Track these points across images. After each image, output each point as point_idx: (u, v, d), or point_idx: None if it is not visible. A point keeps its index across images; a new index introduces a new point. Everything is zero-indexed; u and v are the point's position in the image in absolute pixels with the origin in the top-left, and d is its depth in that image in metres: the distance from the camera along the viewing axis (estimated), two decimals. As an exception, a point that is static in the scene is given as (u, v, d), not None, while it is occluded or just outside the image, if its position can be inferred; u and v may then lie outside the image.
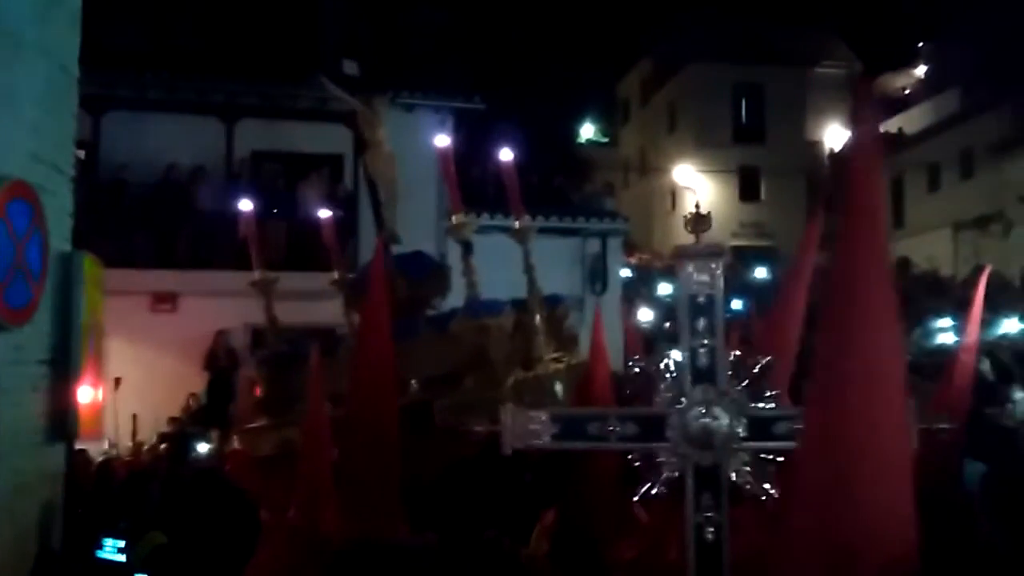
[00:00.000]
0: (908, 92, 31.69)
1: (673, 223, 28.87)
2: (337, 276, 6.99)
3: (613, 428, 2.87)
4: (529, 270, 5.74)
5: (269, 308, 7.07)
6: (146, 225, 12.79)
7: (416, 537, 3.13)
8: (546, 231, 12.59)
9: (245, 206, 7.02)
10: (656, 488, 2.81)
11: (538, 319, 5.68)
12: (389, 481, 3.21)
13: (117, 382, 10.55)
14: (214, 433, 9.56)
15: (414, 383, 5.47)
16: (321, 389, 3.73)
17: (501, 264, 6.19)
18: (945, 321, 9.45)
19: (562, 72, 35.39)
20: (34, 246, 3.87)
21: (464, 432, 4.96)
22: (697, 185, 30.28)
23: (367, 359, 3.35)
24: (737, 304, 14.68)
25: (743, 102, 32.38)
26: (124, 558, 3.83)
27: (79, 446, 5.14)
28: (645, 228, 30.78)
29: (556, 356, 5.74)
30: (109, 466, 8.08)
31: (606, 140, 40.15)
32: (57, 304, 4.12)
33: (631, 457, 2.95)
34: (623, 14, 38.39)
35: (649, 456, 2.85)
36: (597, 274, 15.81)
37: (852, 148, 2.25)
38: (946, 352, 4.38)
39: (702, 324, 2.86)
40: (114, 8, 11.68)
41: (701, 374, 2.84)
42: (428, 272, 6.77)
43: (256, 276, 7.02)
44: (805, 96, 32.39)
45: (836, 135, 33.15)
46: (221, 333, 12.42)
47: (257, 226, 7.09)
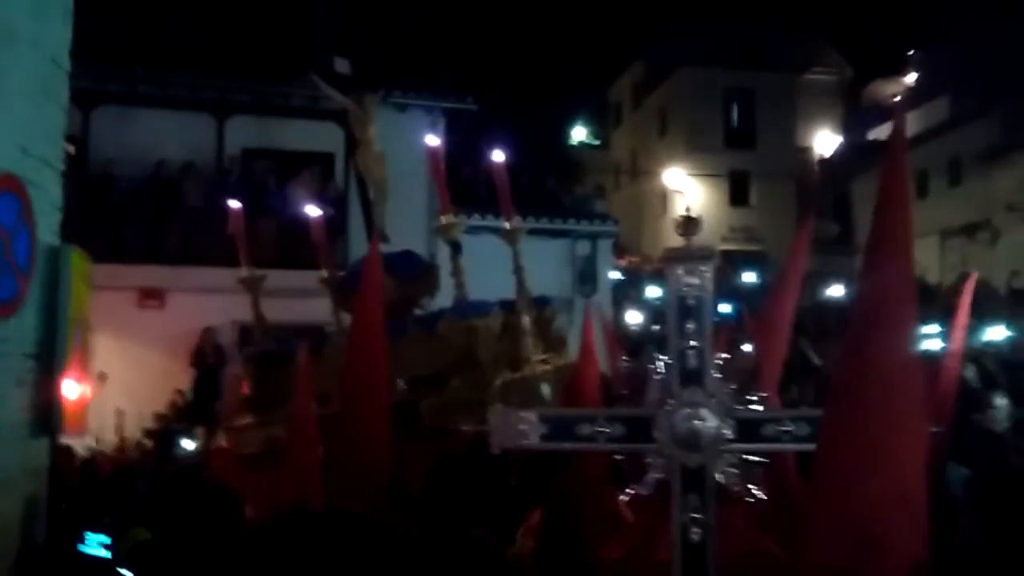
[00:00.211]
0: (897, 99, 31.84)
1: (663, 226, 28.94)
2: (326, 274, 6.97)
3: (601, 429, 2.88)
4: (518, 271, 5.73)
5: (257, 305, 7.04)
6: (135, 221, 12.76)
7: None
8: (536, 232, 12.60)
9: (235, 203, 7.00)
10: (643, 489, 2.82)
11: (526, 320, 5.67)
12: (378, 479, 3.21)
13: (102, 377, 10.52)
14: (200, 430, 9.54)
15: (401, 383, 5.45)
16: (308, 387, 3.72)
17: (490, 265, 6.18)
18: (932, 328, 9.51)
19: (554, 74, 35.49)
20: (22, 240, 3.85)
21: (451, 432, 4.97)
22: (687, 189, 30.38)
23: (359, 356, 3.34)
24: (726, 308, 14.73)
25: (734, 107, 32.52)
26: (108, 553, 3.82)
27: (64, 441, 5.11)
28: (635, 231, 30.87)
29: (544, 357, 5.73)
30: (94, 462, 8.05)
31: (597, 143, 40.21)
32: (44, 298, 4.09)
33: (618, 458, 2.97)
34: (616, 18, 38.54)
35: (636, 457, 2.86)
36: (587, 276, 15.86)
37: (884, 188, 2.46)
38: (932, 358, 4.41)
39: (690, 326, 2.87)
40: (106, 2, 11.64)
41: (689, 376, 2.85)
42: (417, 272, 6.73)
43: (244, 273, 6.99)
44: (795, 102, 32.55)
45: (826, 141, 33.33)
46: (208, 330, 12.38)
47: (246, 223, 7.06)
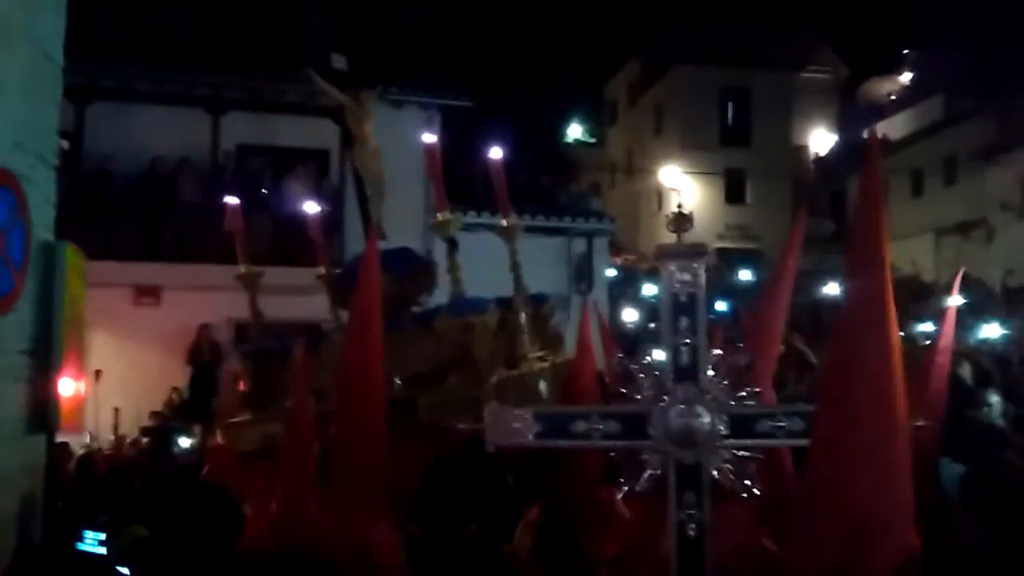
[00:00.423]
0: (893, 98, 31.90)
1: (659, 224, 28.87)
2: (323, 271, 6.96)
3: (596, 426, 2.89)
4: (515, 268, 5.72)
5: (253, 302, 7.03)
6: (130, 217, 12.71)
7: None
8: (532, 230, 12.62)
9: (230, 200, 6.98)
10: (639, 485, 2.82)
11: (523, 318, 5.67)
12: (375, 476, 3.21)
13: (98, 375, 10.51)
14: (196, 427, 9.52)
15: (398, 380, 5.45)
16: (305, 384, 3.72)
17: (487, 262, 6.18)
18: (926, 326, 9.58)
19: (550, 72, 35.43)
20: (16, 235, 3.84)
21: (447, 429, 4.97)
22: (683, 187, 30.37)
23: (356, 353, 3.34)
24: (722, 306, 14.77)
25: (730, 105, 32.51)
26: (105, 551, 3.82)
27: (60, 439, 5.10)
28: (631, 229, 30.84)
29: (541, 355, 5.73)
30: (90, 459, 8.05)
31: (593, 141, 40.17)
32: (39, 294, 4.08)
33: (614, 454, 2.97)
34: (612, 16, 38.53)
35: (631, 454, 2.87)
36: (583, 274, 15.87)
37: (860, 199, 2.66)
38: (925, 354, 4.44)
39: (684, 323, 2.87)
40: (100, -2, 11.60)
41: (683, 372, 2.86)
42: (414, 268, 6.72)
43: (241, 270, 6.97)
44: (791, 100, 32.57)
45: (821, 139, 33.36)
46: (205, 327, 12.35)
47: (242, 220, 7.05)
